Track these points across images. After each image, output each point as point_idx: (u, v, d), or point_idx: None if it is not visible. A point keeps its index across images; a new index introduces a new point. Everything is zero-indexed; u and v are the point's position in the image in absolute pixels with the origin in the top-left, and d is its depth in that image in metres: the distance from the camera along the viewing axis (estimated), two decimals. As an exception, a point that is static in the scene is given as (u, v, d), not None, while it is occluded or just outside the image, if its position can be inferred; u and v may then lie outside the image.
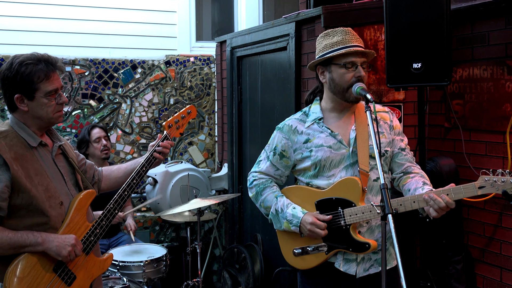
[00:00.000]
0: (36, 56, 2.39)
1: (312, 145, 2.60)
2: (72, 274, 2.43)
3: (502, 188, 2.28)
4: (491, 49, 3.21)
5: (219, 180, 5.40)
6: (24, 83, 2.34)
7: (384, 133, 2.62)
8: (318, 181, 2.61)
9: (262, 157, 2.80)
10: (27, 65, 2.34)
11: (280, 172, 2.75)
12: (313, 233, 2.53)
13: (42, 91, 2.36)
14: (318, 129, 2.62)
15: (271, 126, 4.45)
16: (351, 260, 2.57)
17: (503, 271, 3.19)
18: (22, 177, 2.30)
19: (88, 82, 5.19)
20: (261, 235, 4.69)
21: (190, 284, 4.35)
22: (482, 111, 3.28)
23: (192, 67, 5.59)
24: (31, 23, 5.10)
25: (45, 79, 2.36)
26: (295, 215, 2.58)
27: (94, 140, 4.49)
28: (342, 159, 2.57)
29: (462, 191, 2.33)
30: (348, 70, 2.53)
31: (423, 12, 3.03)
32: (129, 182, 2.60)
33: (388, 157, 2.63)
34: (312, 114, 2.67)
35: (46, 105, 2.38)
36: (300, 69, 3.94)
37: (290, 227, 2.60)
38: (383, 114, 2.68)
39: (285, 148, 2.68)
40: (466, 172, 3.35)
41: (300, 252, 2.55)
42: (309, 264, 2.62)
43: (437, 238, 3.38)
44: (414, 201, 2.40)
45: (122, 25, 5.41)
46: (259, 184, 2.76)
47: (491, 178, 2.30)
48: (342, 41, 2.54)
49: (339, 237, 2.54)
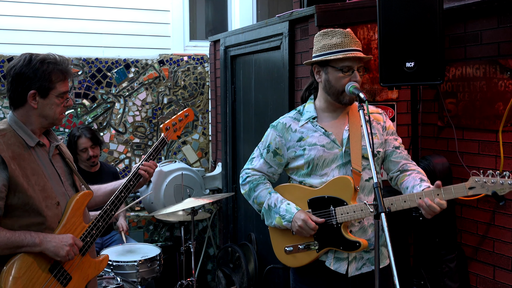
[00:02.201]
0: (55, 56, 2.44)
1: (306, 143, 2.61)
2: (68, 274, 2.43)
3: (492, 189, 2.30)
4: (484, 48, 3.23)
5: (213, 180, 5.40)
6: (43, 80, 2.37)
7: (377, 134, 2.63)
8: (311, 179, 2.62)
9: (256, 154, 2.81)
10: (49, 63, 2.39)
11: (273, 169, 2.75)
12: (302, 230, 2.55)
13: (57, 91, 2.41)
14: (312, 128, 2.63)
15: (265, 125, 4.45)
16: (342, 259, 2.58)
17: (496, 269, 3.20)
18: (19, 177, 2.30)
19: (81, 82, 5.17)
20: (255, 234, 4.69)
21: (184, 284, 4.34)
22: (475, 109, 3.29)
23: (186, 66, 5.58)
24: (23, 22, 5.07)
25: (62, 80, 2.42)
26: (289, 211, 2.59)
27: (81, 150, 4.47)
28: (335, 159, 2.58)
29: (453, 191, 2.34)
30: (344, 74, 2.54)
31: (416, 11, 3.04)
32: (126, 184, 2.60)
33: (380, 157, 2.64)
34: (306, 113, 2.68)
35: (56, 105, 2.42)
36: (293, 68, 3.94)
37: (282, 223, 2.61)
38: (376, 115, 2.69)
39: (279, 145, 2.69)
40: (459, 171, 3.37)
41: (291, 250, 2.58)
42: (300, 262, 2.63)
43: (430, 236, 3.39)
44: (405, 201, 2.41)
45: (115, 24, 5.39)
46: (252, 180, 2.77)
47: (481, 179, 2.32)
48: (341, 44, 2.54)
49: (330, 235, 2.55)
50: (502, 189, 2.29)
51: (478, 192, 2.33)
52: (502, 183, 2.29)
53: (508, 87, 3.07)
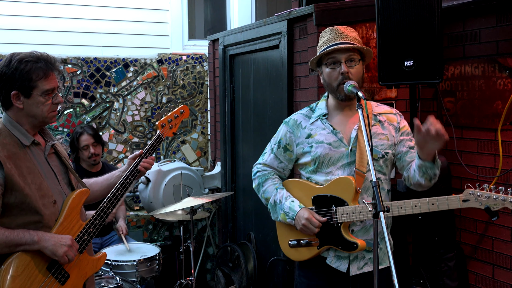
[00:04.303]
0: (36, 54, 2.40)
1: (313, 140, 2.64)
2: (65, 273, 2.43)
3: (485, 203, 2.33)
4: (483, 46, 3.22)
5: (212, 179, 5.40)
6: (23, 80, 2.34)
7: (387, 134, 2.62)
8: (317, 176, 2.64)
9: (267, 149, 2.86)
10: (27, 62, 2.35)
11: (283, 165, 2.80)
12: (306, 229, 2.58)
13: (39, 89, 2.37)
14: (321, 126, 2.65)
15: (263, 124, 4.47)
16: (343, 258, 2.60)
17: (495, 267, 3.20)
18: (15, 176, 2.30)
19: (80, 81, 5.17)
20: (254, 233, 4.69)
21: (183, 283, 4.34)
22: (473, 108, 3.29)
23: (185, 66, 5.58)
24: (22, 21, 5.07)
25: (44, 78, 2.37)
26: (292, 208, 2.63)
27: (82, 147, 4.47)
28: (340, 157, 2.59)
29: (447, 202, 2.38)
30: (332, 69, 2.57)
31: (415, 10, 3.04)
32: (122, 181, 2.60)
33: (389, 159, 2.63)
34: (318, 110, 2.70)
35: (42, 103, 2.39)
36: (292, 67, 3.94)
37: (286, 219, 2.66)
38: (390, 116, 2.68)
39: (289, 141, 2.74)
40: (458, 170, 3.37)
41: (295, 244, 2.65)
42: (303, 257, 2.68)
43: (430, 235, 3.39)
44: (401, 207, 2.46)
45: (114, 24, 5.39)
46: (261, 175, 2.83)
47: (476, 192, 2.35)
48: (327, 41, 2.59)
49: (330, 234, 2.58)
50: (495, 204, 2.32)
51: (471, 206, 2.37)
52: (495, 198, 2.31)
53: (506, 85, 3.07)
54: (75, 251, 2.41)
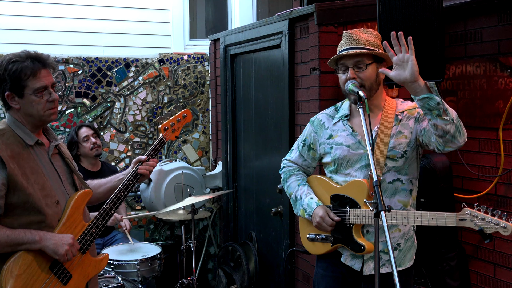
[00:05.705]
0: (25, 53, 2.40)
1: (334, 142, 2.69)
2: (68, 273, 2.43)
3: (480, 225, 2.35)
4: (484, 46, 3.22)
5: (214, 178, 5.40)
6: (12, 81, 2.35)
7: (405, 133, 2.61)
8: (337, 176, 2.71)
9: (294, 146, 2.95)
10: (14, 62, 2.35)
11: (307, 163, 2.88)
12: (320, 226, 2.65)
13: (30, 88, 2.37)
14: (342, 127, 2.70)
15: (264, 124, 4.47)
16: (358, 257, 2.65)
17: (497, 267, 3.20)
18: (18, 175, 2.30)
19: (81, 81, 5.17)
20: (255, 233, 4.69)
21: (185, 283, 4.34)
22: (475, 108, 3.29)
23: (186, 65, 5.58)
24: (23, 21, 5.08)
25: (32, 76, 2.36)
26: (310, 205, 2.71)
27: (82, 139, 4.48)
28: (358, 159, 2.62)
29: (445, 218, 2.42)
30: (342, 74, 2.60)
31: (416, 9, 3.03)
32: (126, 184, 2.62)
33: (408, 157, 2.61)
34: (341, 111, 2.75)
35: (36, 102, 2.39)
36: (293, 67, 3.94)
37: (304, 215, 2.75)
38: (412, 110, 2.66)
39: (313, 141, 2.81)
40: (460, 169, 3.36)
41: (312, 238, 2.77)
42: (318, 251, 2.78)
43: (431, 234, 3.39)
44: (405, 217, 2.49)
45: (115, 23, 5.39)
46: (286, 171, 2.93)
47: (472, 212, 2.36)
48: (340, 45, 2.63)
49: (342, 233, 2.65)
50: (489, 228, 2.33)
51: (467, 225, 2.39)
52: (489, 221, 2.32)
53: (508, 85, 3.06)
54: (76, 250, 2.41)
